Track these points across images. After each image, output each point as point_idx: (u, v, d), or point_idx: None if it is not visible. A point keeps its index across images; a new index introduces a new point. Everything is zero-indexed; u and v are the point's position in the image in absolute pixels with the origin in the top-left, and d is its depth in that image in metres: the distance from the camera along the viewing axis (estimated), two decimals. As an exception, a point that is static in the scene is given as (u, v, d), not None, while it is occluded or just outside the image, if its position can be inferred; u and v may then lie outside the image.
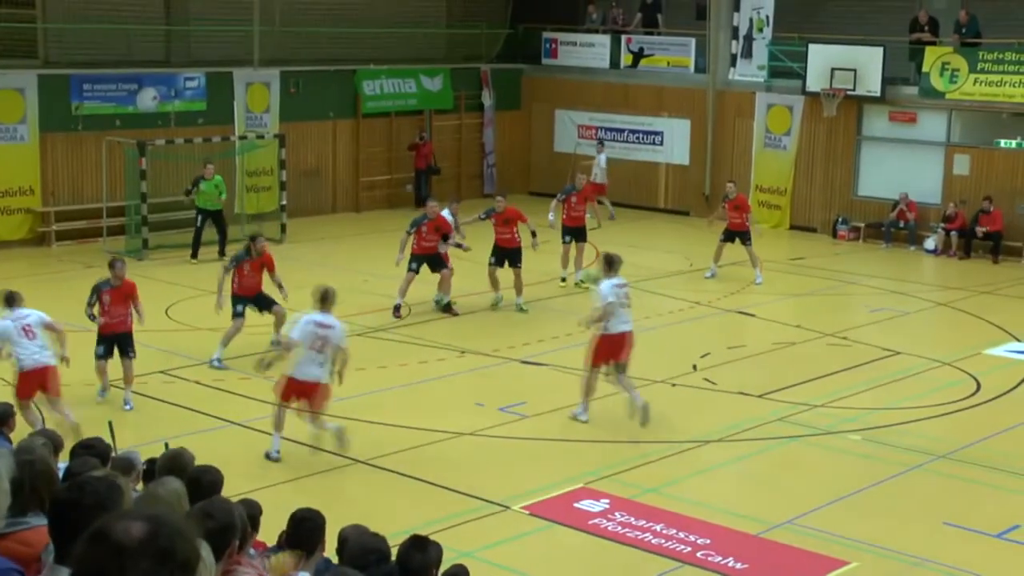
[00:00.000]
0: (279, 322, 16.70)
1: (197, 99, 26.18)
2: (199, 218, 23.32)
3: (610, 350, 14.58)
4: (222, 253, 22.81)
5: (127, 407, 14.88)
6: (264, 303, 17.04)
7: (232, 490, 7.23)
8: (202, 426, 14.32)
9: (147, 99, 25.44)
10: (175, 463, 6.89)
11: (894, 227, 26.29)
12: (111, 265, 15.29)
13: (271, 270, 16.98)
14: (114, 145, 24.29)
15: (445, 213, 19.99)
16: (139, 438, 11.78)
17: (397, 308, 19.34)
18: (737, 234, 22.41)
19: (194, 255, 23.02)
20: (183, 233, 24.71)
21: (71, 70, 24.77)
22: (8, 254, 23.22)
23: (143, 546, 2.82)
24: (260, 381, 15.92)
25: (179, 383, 15.94)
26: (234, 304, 16.81)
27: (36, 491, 4.75)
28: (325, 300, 13.16)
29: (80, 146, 24.61)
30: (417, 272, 19.37)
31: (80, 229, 24.25)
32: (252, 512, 6.47)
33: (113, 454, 7.98)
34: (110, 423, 9.66)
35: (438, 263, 19.66)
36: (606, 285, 14.62)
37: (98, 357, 14.99)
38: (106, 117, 24.86)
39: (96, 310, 14.96)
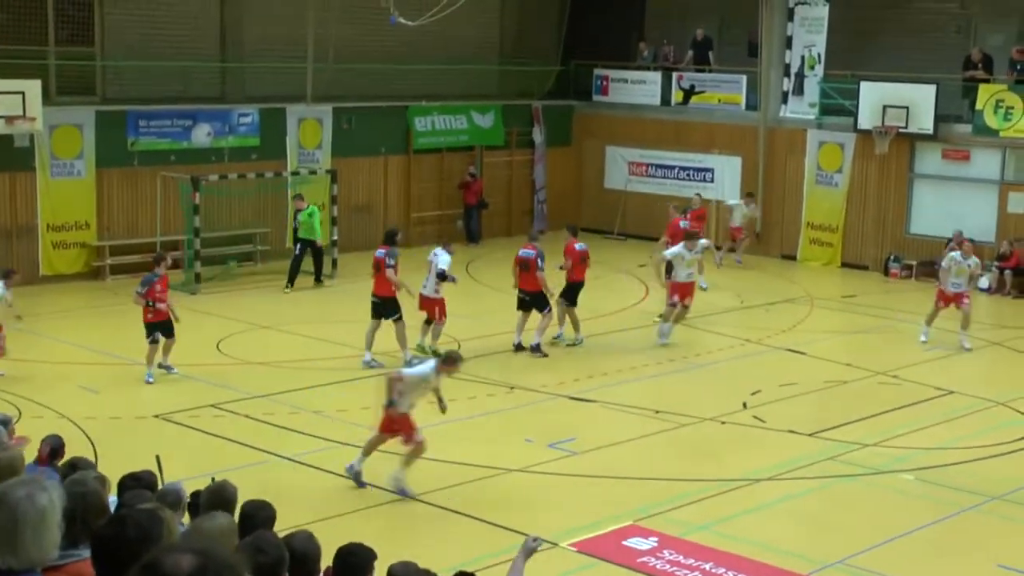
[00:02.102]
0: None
1: (250, 135, 26.45)
2: (298, 247, 23.98)
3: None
4: (318, 280, 24.29)
5: (173, 371, 17.41)
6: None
7: (279, 525, 7.22)
8: (251, 460, 14.36)
9: (201, 135, 25.74)
10: (217, 497, 6.85)
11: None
12: (160, 260, 17.76)
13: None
14: (168, 180, 24.56)
15: (440, 253, 19.49)
16: (188, 471, 11.81)
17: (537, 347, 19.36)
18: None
19: (290, 283, 23.77)
20: (235, 268, 24.96)
21: (128, 106, 25.12)
22: (64, 287, 23.50)
23: None
24: (309, 416, 16.00)
25: (229, 417, 16.01)
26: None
27: (87, 523, 4.77)
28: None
29: (135, 181, 24.91)
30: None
31: (134, 263, 24.42)
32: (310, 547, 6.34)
33: (160, 486, 7.99)
34: (157, 457, 9.69)
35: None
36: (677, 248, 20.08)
37: (153, 342, 17.21)
38: (161, 152, 25.16)
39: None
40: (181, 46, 26.62)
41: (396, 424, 13.46)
